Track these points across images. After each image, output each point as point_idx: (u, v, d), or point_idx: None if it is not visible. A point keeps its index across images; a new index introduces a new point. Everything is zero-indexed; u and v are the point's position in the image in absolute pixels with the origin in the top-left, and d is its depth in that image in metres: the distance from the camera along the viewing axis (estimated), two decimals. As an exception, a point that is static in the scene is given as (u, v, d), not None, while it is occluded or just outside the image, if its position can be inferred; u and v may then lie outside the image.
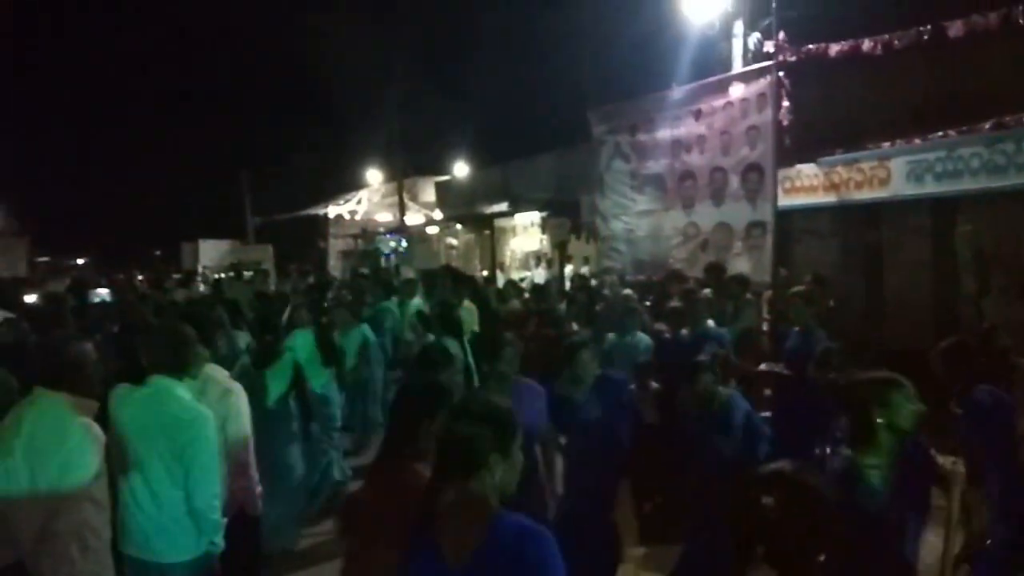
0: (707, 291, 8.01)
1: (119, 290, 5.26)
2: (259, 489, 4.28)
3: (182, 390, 3.62)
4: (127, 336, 5.37)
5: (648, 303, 8.86)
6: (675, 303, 7.24)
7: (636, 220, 10.53)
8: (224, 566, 4.18)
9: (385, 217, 30.02)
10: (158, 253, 48.92)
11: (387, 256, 24.87)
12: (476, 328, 9.35)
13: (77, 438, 3.29)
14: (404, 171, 28.49)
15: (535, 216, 20.44)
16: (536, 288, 11.12)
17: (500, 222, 21.10)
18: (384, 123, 30.75)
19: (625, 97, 11.21)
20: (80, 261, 47.63)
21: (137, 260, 46.04)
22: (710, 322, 7.06)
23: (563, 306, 9.82)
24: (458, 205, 24.11)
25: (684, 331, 6.82)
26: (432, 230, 23.64)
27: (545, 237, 22.25)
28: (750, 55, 9.90)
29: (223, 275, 26.59)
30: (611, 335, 7.37)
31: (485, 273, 18.31)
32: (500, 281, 16.67)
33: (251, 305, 11.26)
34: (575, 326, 9.49)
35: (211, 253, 32.29)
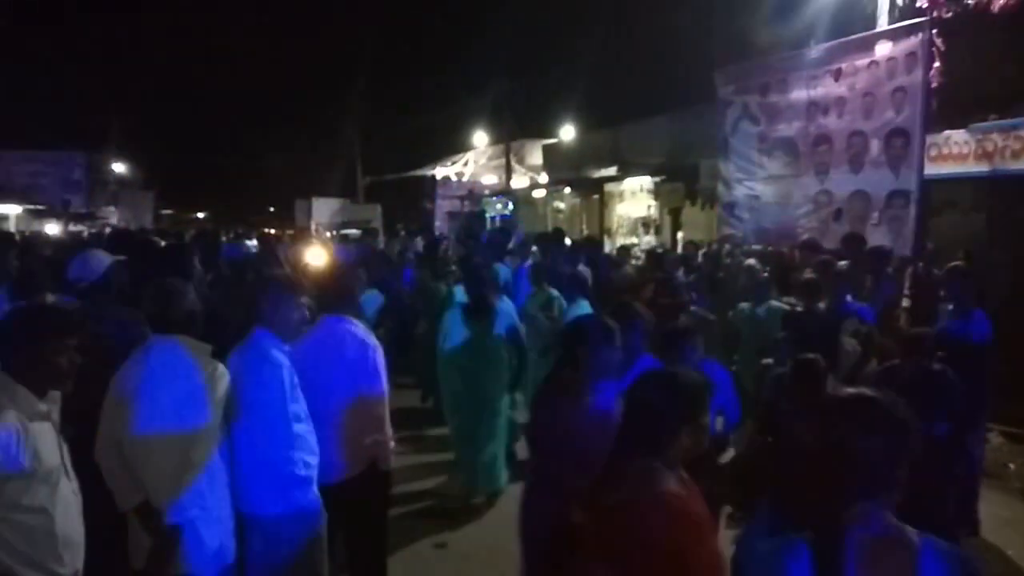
0: (843, 263, 7.48)
1: (266, 244, 5.25)
2: (392, 443, 4.20)
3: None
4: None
5: (766, 274, 8.41)
6: (809, 274, 6.76)
7: (762, 186, 9.96)
8: (357, 521, 4.13)
9: (491, 179, 29.96)
10: (272, 209, 50.67)
11: (493, 219, 24.82)
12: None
13: (199, 379, 3.27)
14: (511, 133, 28.28)
15: (645, 181, 19.87)
16: (652, 254, 10.74)
17: (608, 187, 20.64)
18: (491, 85, 30.61)
19: (754, 56, 10.58)
20: (200, 215, 49.83)
21: (253, 214, 47.78)
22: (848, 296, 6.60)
23: (680, 273, 9.47)
24: (565, 168, 23.71)
25: (821, 305, 6.37)
26: (538, 194, 23.37)
27: (655, 203, 21.71)
28: (897, 11, 9.12)
29: (335, 232, 27.25)
30: (743, 305, 6.98)
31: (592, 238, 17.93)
32: (607, 247, 16.34)
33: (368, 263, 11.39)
34: (693, 295, 9.14)
35: (323, 210, 33.22)
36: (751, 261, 8.61)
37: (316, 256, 9.46)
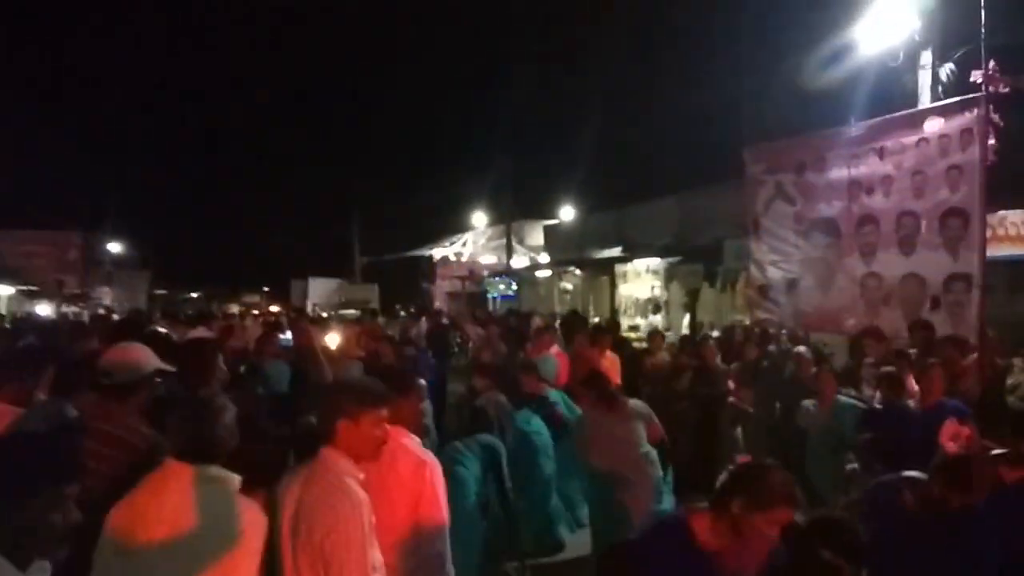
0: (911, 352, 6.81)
1: (300, 336, 4.33)
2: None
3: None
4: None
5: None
6: (887, 367, 6.05)
7: (800, 268, 9.35)
8: None
9: (490, 259, 29.56)
10: (266, 289, 49.99)
11: (495, 299, 24.21)
12: (618, 381, 8.34)
13: (233, 526, 2.51)
14: (511, 214, 27.98)
15: (653, 262, 19.38)
16: (686, 339, 10.02)
17: (618, 267, 20.14)
18: (490, 166, 30.49)
19: (784, 135, 10.13)
20: (194, 295, 49.04)
21: (247, 294, 47.03)
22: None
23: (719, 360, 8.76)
24: (568, 249, 23.29)
25: (910, 401, 5.64)
26: (542, 274, 22.82)
27: (659, 284, 21.17)
28: (940, 88, 8.72)
29: (333, 313, 26.50)
30: (807, 404, 6.24)
31: (596, 319, 17.27)
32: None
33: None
34: (731, 384, 8.40)
35: (320, 290, 32.58)
36: (801, 349, 7.90)
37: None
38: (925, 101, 8.67)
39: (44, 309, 19.92)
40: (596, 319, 18.84)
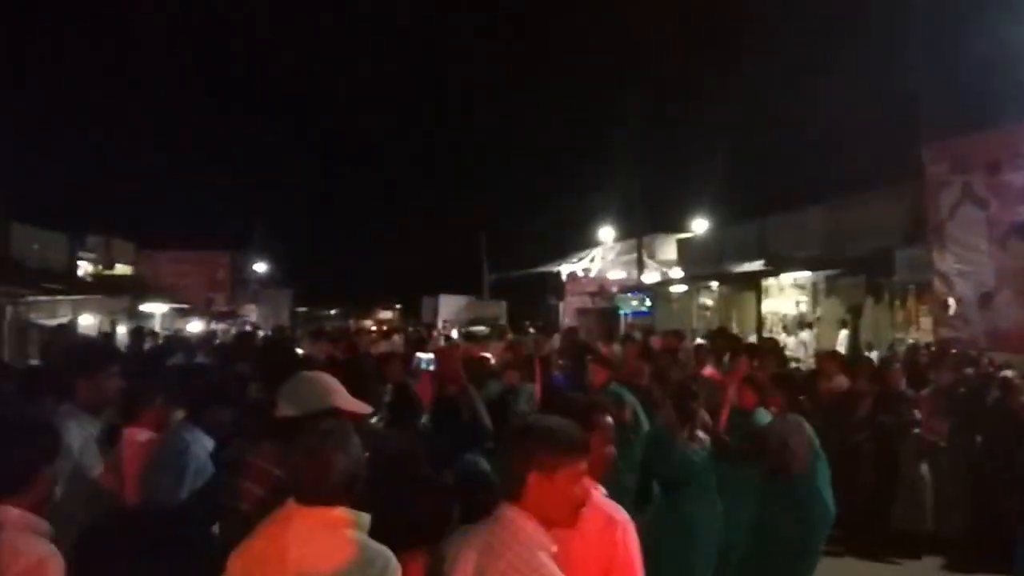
0: None
1: (448, 360, 3.80)
2: None
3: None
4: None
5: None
6: None
7: (996, 280, 8.17)
8: None
9: (619, 275, 28.69)
10: (399, 306, 51.10)
11: (627, 315, 23.38)
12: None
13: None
14: (642, 227, 27.06)
15: (798, 275, 18.05)
16: (865, 359, 8.89)
17: (750, 282, 18.95)
18: (617, 180, 29.74)
19: (969, 130, 8.94)
20: (332, 312, 50.75)
21: (380, 310, 48.23)
22: None
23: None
24: (703, 263, 22.19)
25: None
26: (677, 289, 21.80)
27: (805, 299, 19.72)
28: None
29: (463, 329, 26.44)
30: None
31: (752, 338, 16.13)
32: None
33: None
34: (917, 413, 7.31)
35: (450, 307, 32.76)
36: (1009, 372, 6.77)
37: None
38: None
39: (195, 326, 20.79)
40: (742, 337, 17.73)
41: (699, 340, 13.07)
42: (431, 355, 8.21)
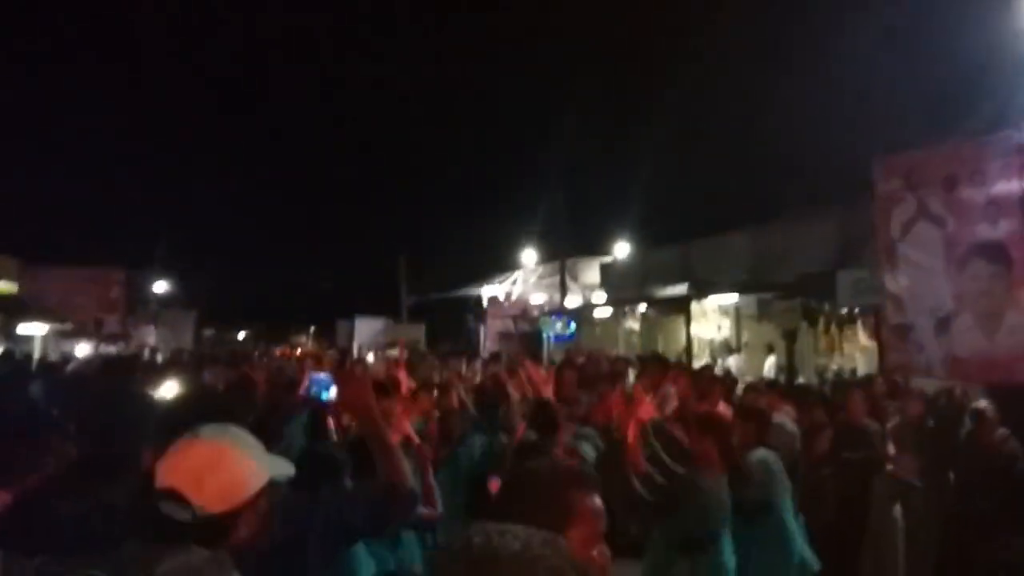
0: None
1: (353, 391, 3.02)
2: None
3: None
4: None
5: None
6: None
7: (954, 304, 7.57)
8: None
9: (541, 298, 27.96)
10: (313, 328, 49.04)
11: (551, 339, 22.53)
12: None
13: None
14: (565, 250, 26.41)
15: (723, 299, 17.60)
16: (815, 390, 8.17)
17: (677, 306, 18.43)
18: (539, 202, 29.12)
19: (909, 145, 8.41)
20: (241, 335, 48.26)
21: (294, 334, 46.13)
22: None
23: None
24: (626, 287, 21.63)
25: None
26: (602, 313, 21.12)
27: (727, 323, 19.32)
28: None
29: (380, 352, 25.07)
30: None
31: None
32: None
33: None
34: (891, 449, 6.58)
35: (366, 330, 31.17)
36: (983, 404, 6.09)
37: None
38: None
39: (82, 349, 18.81)
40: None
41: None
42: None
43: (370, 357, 24.64)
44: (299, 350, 31.14)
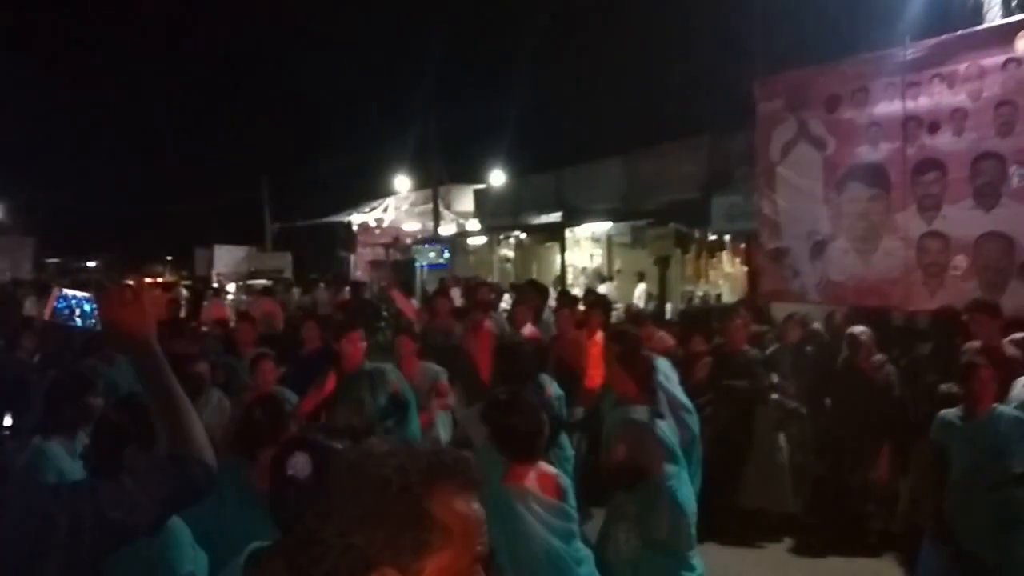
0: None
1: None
2: None
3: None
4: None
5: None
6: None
7: (831, 227, 7.37)
8: None
9: (414, 226, 27.01)
10: (169, 258, 45.83)
11: (423, 268, 21.75)
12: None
13: None
14: (438, 177, 25.42)
15: (596, 227, 17.35)
16: (701, 311, 7.81)
17: (551, 234, 18.06)
18: (412, 127, 27.84)
19: (803, 64, 8.05)
20: (91, 264, 44.45)
21: (149, 263, 42.94)
22: None
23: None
24: (500, 215, 21.05)
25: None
26: (476, 241, 20.49)
27: (599, 252, 19.19)
28: (1014, 2, 6.83)
29: (241, 283, 23.53)
30: (949, 414, 4.16)
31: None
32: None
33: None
34: (774, 377, 6.33)
35: (226, 259, 29.21)
36: (859, 329, 5.88)
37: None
38: (995, 17, 6.74)
39: None
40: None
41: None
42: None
43: (231, 287, 23.07)
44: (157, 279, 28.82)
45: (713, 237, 12.62)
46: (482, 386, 5.75)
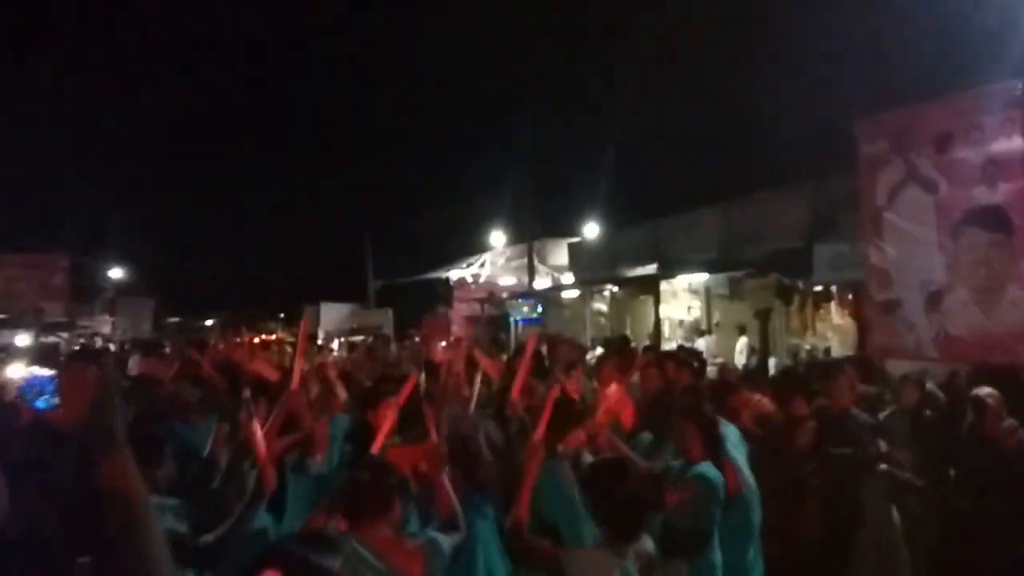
0: None
1: None
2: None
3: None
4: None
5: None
6: None
7: (948, 277, 6.72)
8: None
9: (510, 281, 27.04)
10: (282, 316, 47.69)
11: (518, 322, 21.63)
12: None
13: None
14: (532, 231, 25.46)
15: (690, 280, 16.76)
16: (794, 374, 7.19)
17: (645, 287, 17.58)
18: (508, 183, 28.14)
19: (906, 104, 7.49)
20: (208, 323, 46.68)
21: (262, 320, 44.76)
22: None
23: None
24: (595, 268, 20.74)
25: None
26: (569, 294, 20.21)
27: (697, 304, 18.51)
28: None
29: (344, 340, 24.07)
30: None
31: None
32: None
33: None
34: (882, 444, 5.70)
35: (332, 316, 30.19)
36: (985, 391, 5.23)
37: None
38: None
39: (23, 340, 17.51)
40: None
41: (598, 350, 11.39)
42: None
43: (335, 344, 23.61)
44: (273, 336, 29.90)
45: (818, 288, 11.87)
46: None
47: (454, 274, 28.95)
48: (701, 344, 15.77)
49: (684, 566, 3.43)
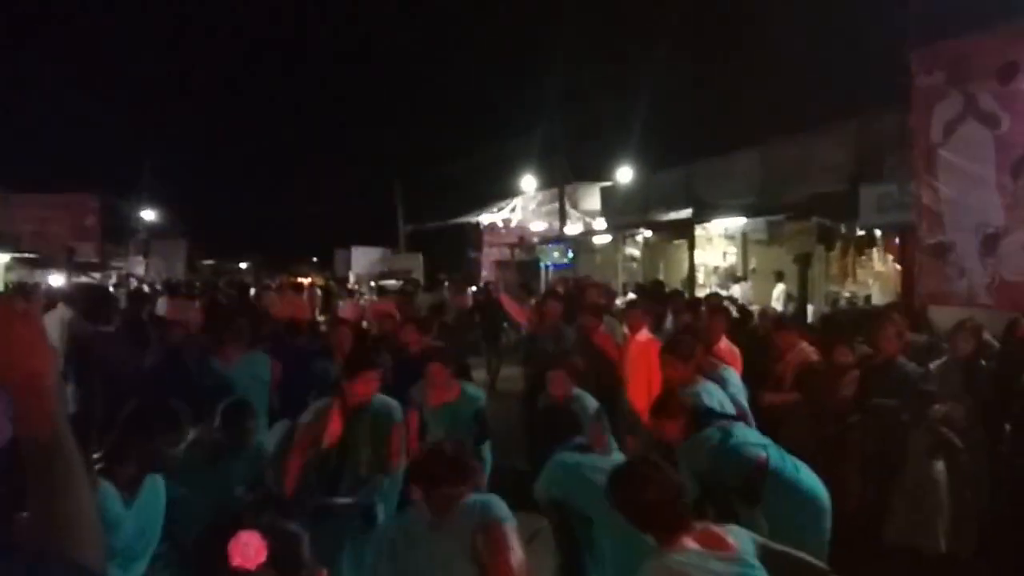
0: None
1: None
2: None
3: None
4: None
5: None
6: None
7: (1007, 219, 6.26)
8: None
9: (541, 226, 26.67)
10: (315, 259, 48.00)
11: (548, 267, 21.35)
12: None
13: None
14: (564, 176, 24.94)
15: (726, 224, 16.23)
16: (847, 316, 6.86)
17: (679, 231, 17.09)
18: (539, 127, 27.50)
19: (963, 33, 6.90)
20: (243, 265, 47.21)
21: (295, 264, 45.11)
22: None
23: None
24: (628, 212, 20.26)
25: None
26: (601, 239, 19.82)
27: (734, 250, 18.01)
28: None
29: (374, 283, 24.05)
30: None
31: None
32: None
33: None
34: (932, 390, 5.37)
35: (363, 261, 30.18)
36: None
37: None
38: None
39: (56, 280, 17.66)
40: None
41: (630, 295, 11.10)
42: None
43: (364, 288, 23.61)
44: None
45: (861, 232, 11.36)
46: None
47: (484, 218, 28.63)
48: (736, 291, 15.37)
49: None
